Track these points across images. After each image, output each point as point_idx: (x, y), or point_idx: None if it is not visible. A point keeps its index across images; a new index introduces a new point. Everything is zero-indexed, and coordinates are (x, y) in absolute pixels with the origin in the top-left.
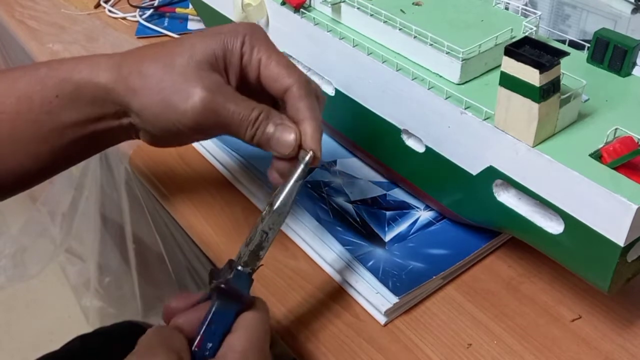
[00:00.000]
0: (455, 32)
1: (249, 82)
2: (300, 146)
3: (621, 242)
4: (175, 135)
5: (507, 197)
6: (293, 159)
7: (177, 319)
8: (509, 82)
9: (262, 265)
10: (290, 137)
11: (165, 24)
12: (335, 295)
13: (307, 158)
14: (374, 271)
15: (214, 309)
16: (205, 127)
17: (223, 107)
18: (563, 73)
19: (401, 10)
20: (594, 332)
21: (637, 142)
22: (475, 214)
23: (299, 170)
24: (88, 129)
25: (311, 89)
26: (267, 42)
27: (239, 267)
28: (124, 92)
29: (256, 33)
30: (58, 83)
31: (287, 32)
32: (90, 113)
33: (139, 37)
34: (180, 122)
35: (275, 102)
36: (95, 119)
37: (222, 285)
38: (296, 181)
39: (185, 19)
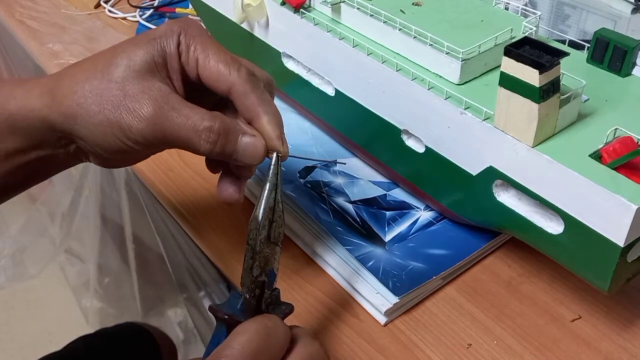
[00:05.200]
0: (455, 33)
1: (194, 84)
2: (268, 150)
3: (621, 242)
4: (126, 153)
5: (507, 198)
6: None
7: None
8: (509, 83)
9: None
10: (256, 146)
11: None
12: (335, 295)
13: (273, 160)
14: (374, 271)
15: (213, 333)
16: (155, 142)
17: (169, 120)
18: (563, 73)
19: (401, 10)
20: (594, 332)
21: (637, 142)
22: (475, 214)
23: (270, 174)
24: (32, 156)
25: (256, 82)
26: (202, 38)
27: (237, 291)
28: (61, 119)
29: (190, 29)
30: None
31: (287, 32)
32: (30, 140)
33: None
34: (128, 139)
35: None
36: (36, 146)
37: (210, 306)
38: (271, 187)
39: None
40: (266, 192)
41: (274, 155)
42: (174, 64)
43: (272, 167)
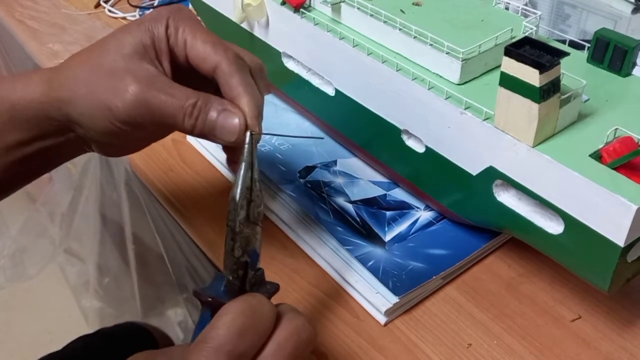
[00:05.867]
0: (455, 32)
1: (183, 67)
2: (246, 129)
3: (621, 242)
4: (118, 136)
5: (507, 197)
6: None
7: None
8: (509, 83)
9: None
10: (235, 122)
11: None
12: (335, 295)
13: (247, 138)
14: (374, 271)
15: (199, 318)
16: (142, 122)
17: (155, 97)
18: (563, 73)
19: (401, 10)
20: (594, 332)
21: (637, 142)
22: (475, 214)
23: (244, 154)
24: (35, 147)
25: (243, 64)
26: (191, 21)
27: (220, 273)
28: (56, 104)
29: (180, 13)
30: None
31: (287, 32)
32: (31, 132)
33: None
34: (114, 119)
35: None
36: (37, 137)
37: (194, 291)
38: (246, 166)
39: None
40: (242, 171)
41: (248, 133)
42: (162, 47)
43: (246, 145)
